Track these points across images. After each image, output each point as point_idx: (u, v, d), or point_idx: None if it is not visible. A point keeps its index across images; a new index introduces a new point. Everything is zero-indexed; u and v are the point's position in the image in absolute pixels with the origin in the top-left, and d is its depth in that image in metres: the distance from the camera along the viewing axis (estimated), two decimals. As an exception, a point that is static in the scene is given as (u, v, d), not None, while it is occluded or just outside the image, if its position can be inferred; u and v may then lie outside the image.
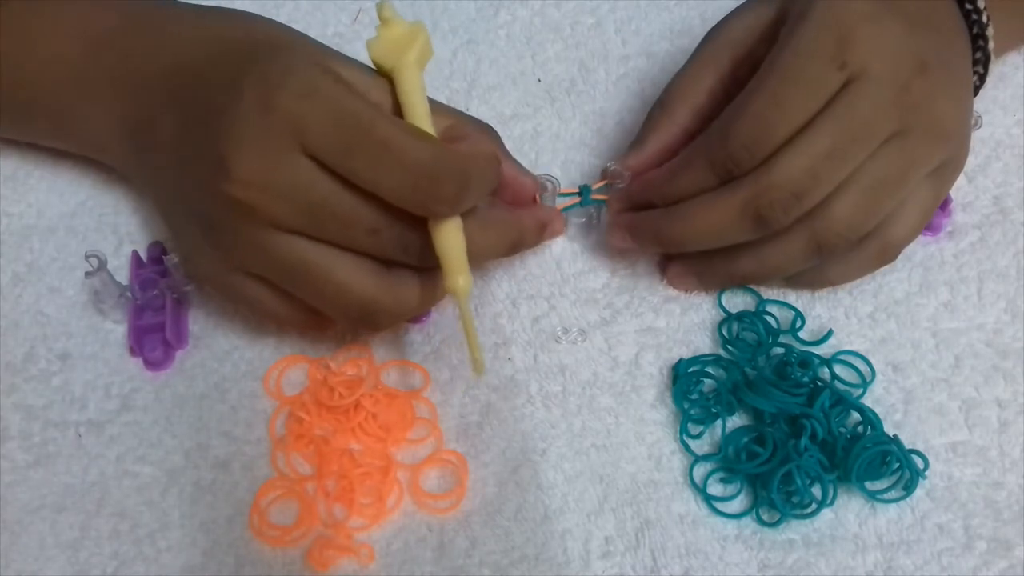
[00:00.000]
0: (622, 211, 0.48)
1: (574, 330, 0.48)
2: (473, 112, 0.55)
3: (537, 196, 0.48)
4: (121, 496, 0.44)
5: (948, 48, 0.44)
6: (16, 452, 0.45)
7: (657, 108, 0.48)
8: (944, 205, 0.50)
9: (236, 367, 0.47)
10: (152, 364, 0.47)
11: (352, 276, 0.41)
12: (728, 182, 0.43)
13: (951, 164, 0.45)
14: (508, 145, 0.54)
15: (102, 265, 0.45)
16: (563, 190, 0.49)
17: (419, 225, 0.40)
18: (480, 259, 0.46)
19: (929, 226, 0.50)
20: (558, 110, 0.55)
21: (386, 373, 0.47)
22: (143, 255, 0.49)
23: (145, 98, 0.45)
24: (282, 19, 0.58)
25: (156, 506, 0.44)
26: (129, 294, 0.47)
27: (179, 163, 0.43)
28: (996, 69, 0.56)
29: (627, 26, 0.58)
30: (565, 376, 0.47)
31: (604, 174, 0.49)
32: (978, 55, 0.47)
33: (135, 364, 0.47)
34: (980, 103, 0.55)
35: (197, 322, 0.48)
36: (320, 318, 0.44)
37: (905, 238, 0.46)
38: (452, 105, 0.55)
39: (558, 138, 0.54)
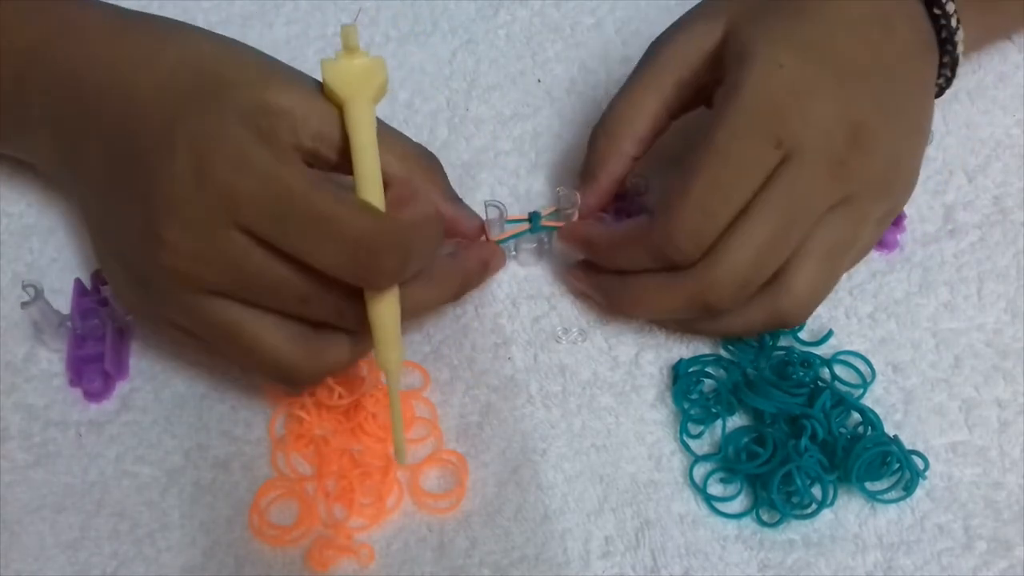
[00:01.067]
0: (579, 263, 0.48)
1: (574, 330, 0.48)
2: (473, 112, 0.55)
3: (486, 230, 0.47)
4: (121, 496, 0.44)
5: (889, 83, 0.43)
6: (16, 452, 0.45)
7: (601, 136, 0.47)
8: (898, 221, 0.49)
9: (236, 367, 0.47)
10: (91, 395, 0.46)
11: (280, 342, 0.40)
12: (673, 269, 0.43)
13: (895, 208, 0.46)
14: (508, 146, 0.54)
15: (39, 295, 0.45)
16: (511, 216, 0.48)
17: (354, 293, 0.39)
18: (425, 312, 0.46)
19: (883, 243, 0.50)
20: (558, 110, 0.55)
21: (386, 373, 0.47)
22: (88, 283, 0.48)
23: (75, 118, 0.43)
24: (282, 19, 0.59)
25: (156, 506, 0.44)
26: (69, 323, 0.46)
27: (108, 204, 0.42)
28: (996, 69, 0.56)
29: (627, 26, 0.58)
30: (565, 376, 0.47)
31: (556, 199, 0.48)
32: (945, 59, 0.46)
33: (134, 364, 0.47)
34: (980, 103, 0.55)
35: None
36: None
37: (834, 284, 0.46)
38: (452, 105, 0.55)
39: (559, 138, 0.54)
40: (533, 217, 0.48)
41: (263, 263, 0.38)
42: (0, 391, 0.46)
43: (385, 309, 0.39)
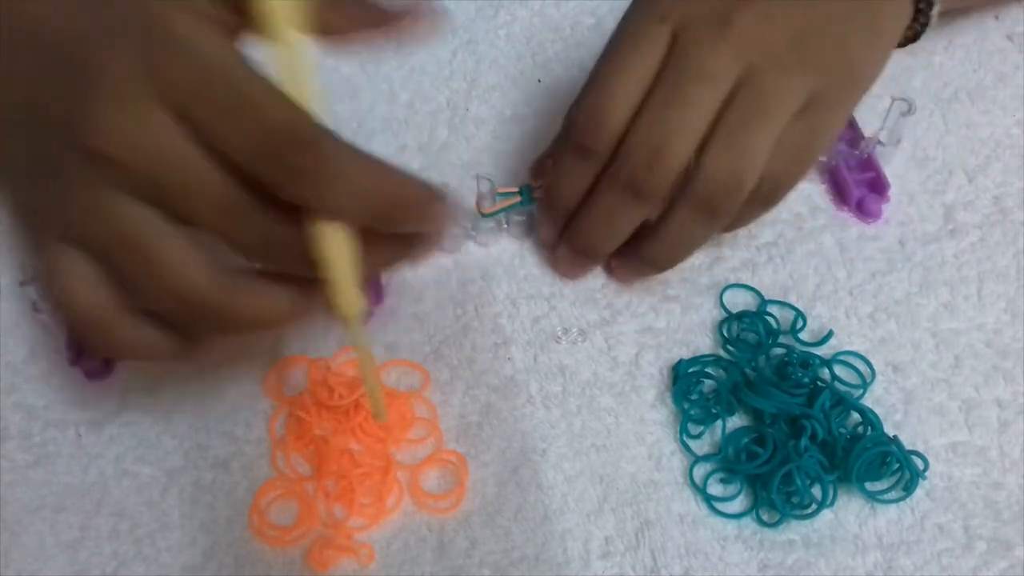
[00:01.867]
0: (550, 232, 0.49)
1: (574, 330, 0.48)
2: (473, 113, 0.55)
3: (477, 203, 0.47)
4: (121, 496, 0.44)
5: None
6: (16, 452, 0.45)
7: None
8: (881, 190, 0.50)
9: (236, 367, 0.47)
10: (91, 375, 0.46)
11: (192, 265, 0.35)
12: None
13: (822, 100, 0.43)
14: (508, 147, 0.54)
15: (36, 273, 0.44)
16: (502, 188, 0.48)
17: (291, 222, 0.35)
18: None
19: (868, 211, 0.50)
20: (558, 111, 0.55)
21: (386, 373, 0.47)
22: None
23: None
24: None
25: (156, 506, 0.44)
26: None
27: (30, 113, 0.38)
28: (996, 69, 0.56)
29: (627, 26, 0.58)
30: (565, 376, 0.47)
31: (534, 170, 0.49)
32: (922, 4, 0.47)
33: (134, 364, 0.47)
34: (980, 103, 0.55)
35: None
36: (133, 333, 0.38)
37: (784, 177, 0.44)
38: (452, 105, 0.55)
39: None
40: (523, 190, 0.48)
41: (185, 150, 0.35)
42: (0, 391, 0.46)
43: (333, 243, 0.35)
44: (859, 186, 0.51)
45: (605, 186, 0.45)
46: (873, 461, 0.42)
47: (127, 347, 0.38)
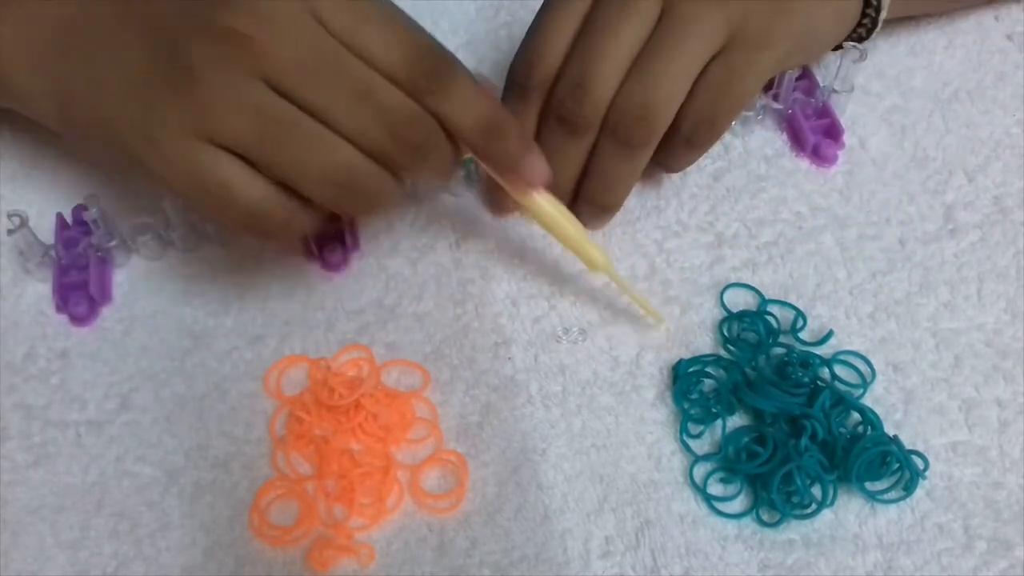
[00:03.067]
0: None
1: (574, 330, 0.48)
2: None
3: None
4: (121, 496, 0.44)
5: None
6: (16, 452, 0.45)
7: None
8: (836, 136, 0.52)
9: (236, 367, 0.47)
10: (77, 319, 0.48)
11: (334, 139, 0.40)
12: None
13: (742, 39, 0.44)
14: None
15: (23, 223, 0.47)
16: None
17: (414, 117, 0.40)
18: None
19: (823, 156, 0.52)
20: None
21: (386, 373, 0.47)
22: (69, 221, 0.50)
23: None
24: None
25: (156, 506, 0.44)
26: (53, 254, 0.49)
27: (147, 18, 0.42)
28: (996, 69, 0.56)
29: (627, 26, 0.58)
30: (565, 376, 0.47)
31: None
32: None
33: (134, 364, 0.47)
34: (980, 103, 0.55)
35: (197, 321, 0.48)
36: (290, 216, 0.42)
37: (706, 114, 0.45)
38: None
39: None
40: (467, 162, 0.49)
41: (330, 43, 0.39)
42: (0, 391, 0.46)
43: (555, 213, 0.44)
44: (815, 132, 0.53)
45: (541, 123, 0.46)
46: (873, 461, 0.42)
47: (286, 230, 0.42)
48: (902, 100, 0.55)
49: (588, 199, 0.48)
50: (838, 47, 0.52)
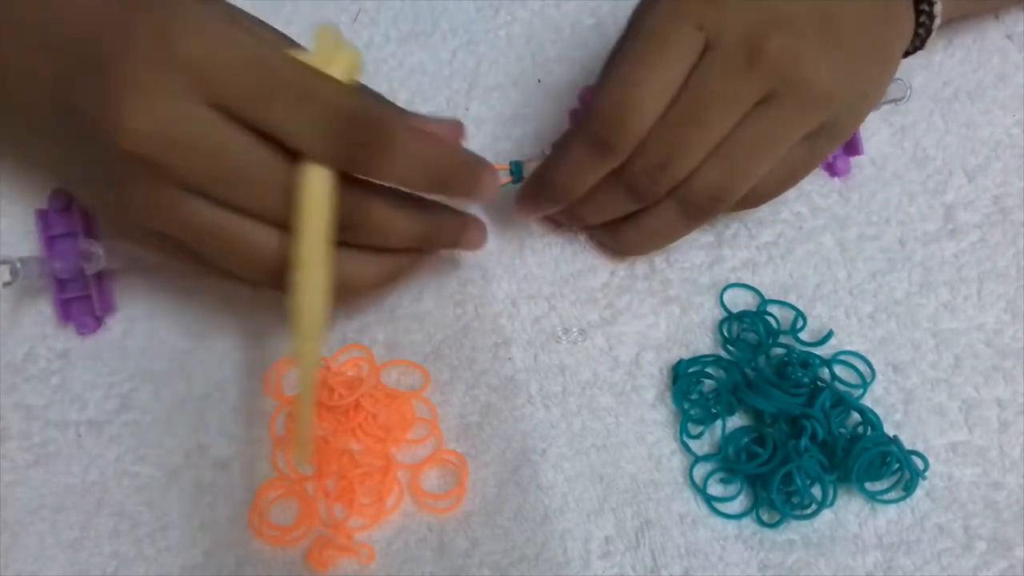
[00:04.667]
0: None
1: (574, 330, 0.48)
2: (473, 113, 0.55)
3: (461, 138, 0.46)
4: (121, 496, 0.44)
5: (835, 5, 0.43)
6: (16, 452, 0.45)
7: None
8: (854, 152, 0.51)
9: (236, 367, 0.47)
10: (83, 329, 0.47)
11: (269, 241, 0.38)
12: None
13: (832, 128, 0.44)
14: (508, 146, 0.54)
15: (15, 272, 0.45)
16: (495, 166, 0.48)
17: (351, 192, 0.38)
18: (394, 241, 0.42)
19: (837, 170, 0.51)
20: (559, 111, 0.55)
21: (386, 373, 0.47)
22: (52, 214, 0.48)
23: (15, 43, 0.41)
24: (282, 19, 0.59)
25: (156, 506, 0.44)
26: (47, 269, 0.46)
27: (62, 117, 0.39)
28: (996, 69, 0.56)
29: (627, 26, 0.58)
30: (565, 376, 0.47)
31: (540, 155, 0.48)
32: (922, 19, 0.47)
33: (134, 364, 0.47)
34: (980, 103, 0.55)
35: (197, 321, 0.48)
36: (253, 283, 0.42)
37: (775, 190, 0.45)
38: (452, 105, 0.55)
39: (558, 138, 0.54)
40: (514, 167, 0.48)
41: (239, 141, 0.36)
42: (0, 391, 0.46)
43: (311, 293, 0.38)
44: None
45: (610, 184, 0.44)
46: (873, 461, 0.43)
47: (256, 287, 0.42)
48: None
49: (625, 244, 0.48)
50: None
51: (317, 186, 0.37)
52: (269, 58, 0.36)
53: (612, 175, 0.44)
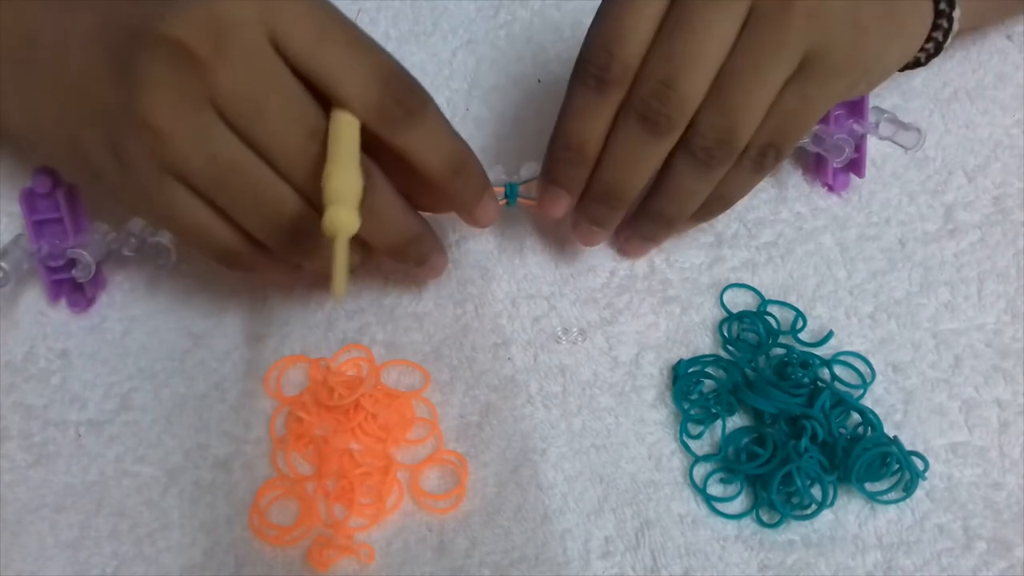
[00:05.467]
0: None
1: (574, 330, 0.48)
2: (473, 113, 0.55)
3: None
4: (121, 496, 0.44)
5: None
6: (16, 452, 0.45)
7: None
8: (858, 171, 0.51)
9: (236, 367, 0.47)
10: (74, 306, 0.48)
11: (284, 193, 0.39)
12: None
13: (817, 66, 0.42)
14: (508, 147, 0.54)
15: (7, 276, 0.45)
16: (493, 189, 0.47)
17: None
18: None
19: (838, 185, 0.51)
20: (559, 111, 0.55)
21: (386, 373, 0.47)
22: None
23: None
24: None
25: (156, 506, 0.44)
26: (34, 254, 0.47)
27: (101, 35, 0.40)
28: (996, 69, 0.56)
29: (627, 26, 0.58)
30: (565, 376, 0.47)
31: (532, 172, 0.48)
32: (940, 20, 0.47)
33: (134, 364, 0.47)
34: (980, 103, 0.55)
35: (197, 321, 0.48)
36: (256, 259, 0.42)
37: (778, 143, 0.44)
38: (452, 105, 0.55)
39: (558, 138, 0.54)
40: (509, 189, 0.48)
41: (283, 77, 0.38)
42: (0, 391, 0.46)
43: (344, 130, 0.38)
44: (840, 166, 0.51)
45: (621, 122, 0.43)
46: (873, 461, 0.43)
47: (254, 269, 0.43)
48: (902, 100, 0.55)
49: (655, 212, 0.46)
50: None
51: (348, 130, 0.38)
52: (330, 8, 0.38)
53: (629, 121, 0.43)
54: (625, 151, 0.43)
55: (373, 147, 0.39)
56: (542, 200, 0.46)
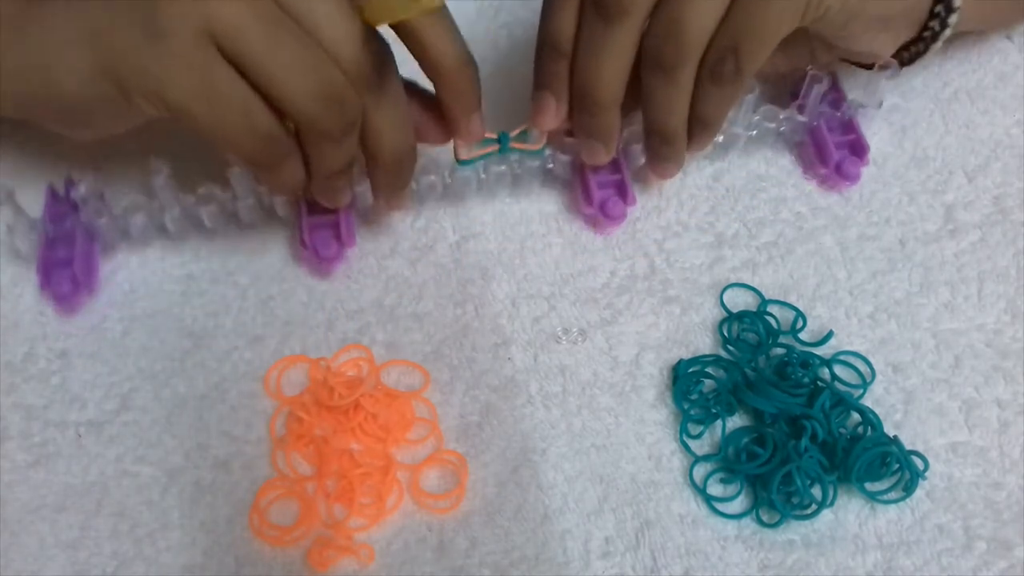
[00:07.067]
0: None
1: (574, 330, 0.48)
2: (473, 112, 0.55)
3: (455, 149, 0.49)
4: (121, 496, 0.44)
5: None
6: (16, 452, 0.45)
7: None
8: (861, 153, 0.51)
9: (236, 367, 0.47)
10: (60, 299, 0.47)
11: (319, 54, 0.40)
12: None
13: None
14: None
15: (9, 197, 0.46)
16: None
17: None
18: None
19: (845, 174, 0.51)
20: (558, 110, 0.55)
21: (386, 373, 0.47)
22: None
23: None
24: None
25: (156, 506, 0.44)
26: (40, 228, 0.48)
27: None
28: (996, 69, 0.56)
29: (627, 26, 0.58)
30: (565, 376, 0.47)
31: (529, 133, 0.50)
32: (931, 23, 0.47)
33: (134, 364, 0.47)
34: (980, 103, 0.55)
35: (197, 321, 0.48)
36: (287, 154, 0.42)
37: (732, 46, 0.44)
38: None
39: (558, 138, 0.54)
40: (502, 137, 0.49)
41: (286, 18, 0.39)
42: (0, 391, 0.46)
43: None
44: (839, 148, 0.52)
45: (582, 16, 0.45)
46: (873, 461, 0.43)
47: (278, 170, 0.42)
48: (902, 100, 0.55)
49: (648, 128, 0.48)
50: (908, 60, 0.50)
51: None
52: None
53: (590, 13, 0.44)
54: (586, 44, 0.45)
55: None
56: (533, 109, 0.48)
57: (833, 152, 0.51)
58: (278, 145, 0.41)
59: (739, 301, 0.49)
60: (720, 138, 0.51)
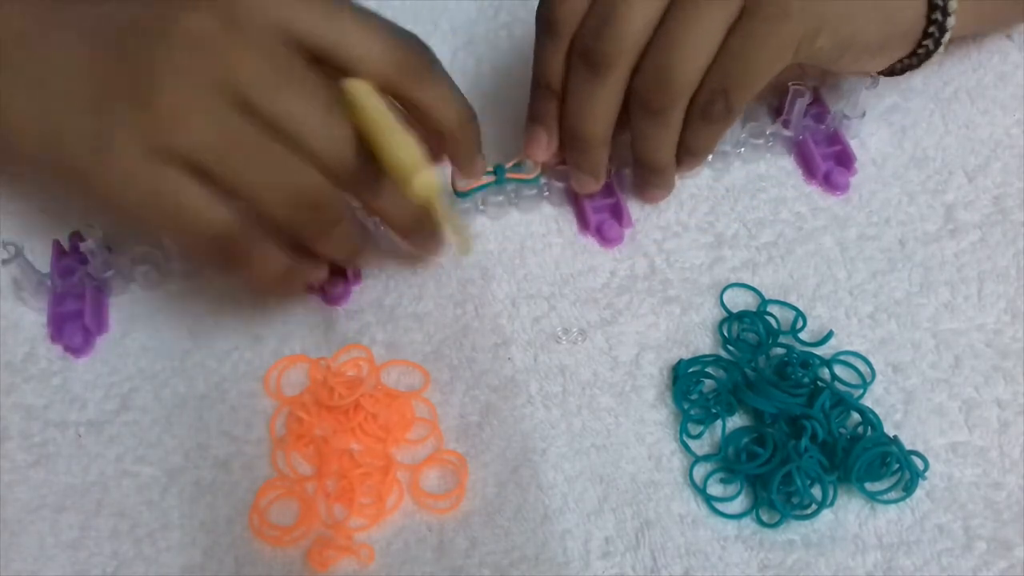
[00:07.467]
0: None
1: (574, 330, 0.48)
2: (473, 112, 0.55)
3: (452, 181, 0.49)
4: (121, 496, 0.44)
5: None
6: (16, 452, 0.45)
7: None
8: (848, 163, 0.51)
9: (236, 367, 0.47)
10: (72, 350, 0.47)
11: (295, 160, 0.39)
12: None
13: (757, 8, 0.43)
14: (508, 146, 0.54)
15: (18, 252, 0.46)
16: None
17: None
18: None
19: (835, 184, 0.51)
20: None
21: (386, 373, 0.47)
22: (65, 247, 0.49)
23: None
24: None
25: (156, 506, 0.44)
26: (48, 283, 0.48)
27: (92, 73, 0.40)
28: (996, 69, 0.56)
29: (627, 26, 0.58)
30: (565, 376, 0.47)
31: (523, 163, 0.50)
32: (931, 29, 0.47)
33: (134, 364, 0.47)
34: (980, 103, 0.55)
35: (197, 321, 0.48)
36: (251, 247, 0.41)
37: (722, 88, 0.44)
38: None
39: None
40: (497, 169, 0.50)
41: (251, 126, 0.38)
42: (0, 391, 0.46)
43: (394, 135, 0.39)
44: (826, 159, 0.52)
45: (570, 64, 0.46)
46: (873, 461, 0.42)
47: (246, 262, 0.41)
48: (902, 100, 0.55)
49: (636, 159, 0.49)
50: (899, 71, 0.50)
51: (372, 99, 0.39)
52: (287, 60, 0.39)
53: (575, 61, 0.45)
54: (574, 91, 0.46)
55: None
56: (526, 141, 0.49)
57: (820, 165, 0.52)
58: (234, 242, 0.40)
59: (739, 301, 0.49)
60: (709, 158, 0.52)
